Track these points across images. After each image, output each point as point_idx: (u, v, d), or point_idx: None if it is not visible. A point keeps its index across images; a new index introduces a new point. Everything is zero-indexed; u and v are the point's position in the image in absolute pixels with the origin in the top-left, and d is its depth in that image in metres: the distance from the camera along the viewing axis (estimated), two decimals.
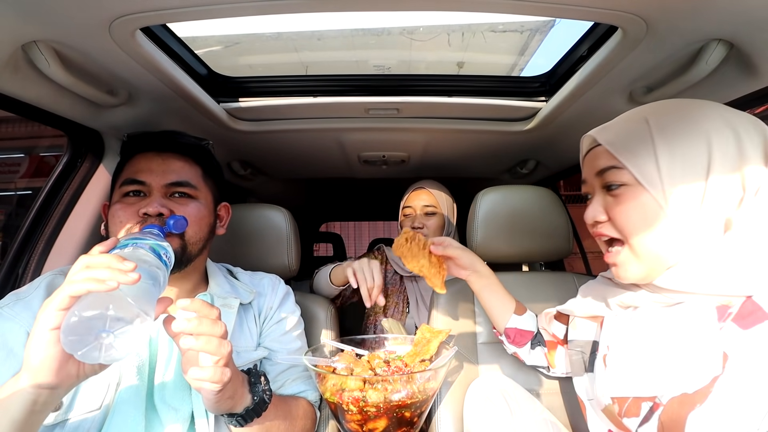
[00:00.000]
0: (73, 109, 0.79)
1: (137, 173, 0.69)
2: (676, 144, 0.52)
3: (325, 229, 3.37)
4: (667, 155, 0.52)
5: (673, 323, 0.54)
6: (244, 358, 0.74)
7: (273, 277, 0.89)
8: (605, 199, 0.58)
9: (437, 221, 1.30)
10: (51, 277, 0.67)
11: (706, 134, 0.51)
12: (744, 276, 0.49)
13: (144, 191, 0.69)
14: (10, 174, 4.66)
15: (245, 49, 1.37)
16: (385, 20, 1.31)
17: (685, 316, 0.53)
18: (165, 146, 0.73)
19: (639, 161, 0.53)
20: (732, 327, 0.49)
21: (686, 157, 0.51)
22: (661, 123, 0.54)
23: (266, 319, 0.81)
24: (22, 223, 0.91)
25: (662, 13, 0.59)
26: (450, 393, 0.85)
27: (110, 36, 0.62)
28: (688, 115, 0.53)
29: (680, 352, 0.52)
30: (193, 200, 0.72)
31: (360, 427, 0.66)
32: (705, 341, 0.50)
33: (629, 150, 0.54)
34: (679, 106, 0.56)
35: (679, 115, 0.53)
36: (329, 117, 1.11)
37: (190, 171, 0.74)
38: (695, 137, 0.51)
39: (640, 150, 0.53)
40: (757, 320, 0.47)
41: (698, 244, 0.51)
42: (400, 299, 1.35)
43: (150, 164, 0.70)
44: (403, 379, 0.66)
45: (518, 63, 1.43)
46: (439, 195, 1.33)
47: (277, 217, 1.00)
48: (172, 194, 0.71)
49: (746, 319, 0.48)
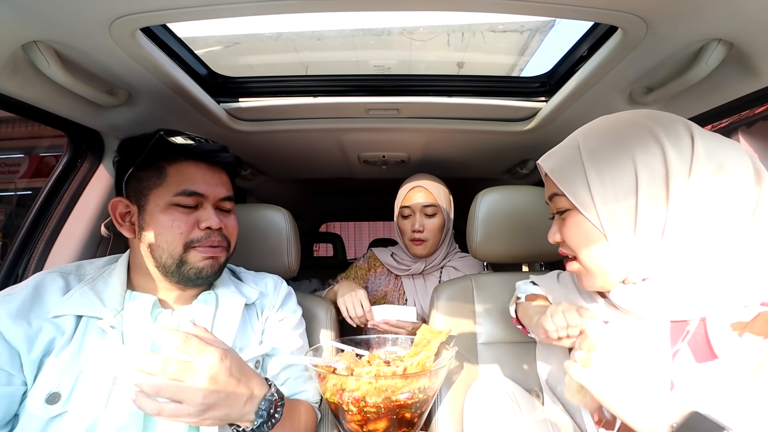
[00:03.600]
0: (73, 109, 0.79)
1: (195, 185, 0.69)
2: (604, 167, 0.54)
3: (325, 229, 3.37)
4: (596, 180, 0.54)
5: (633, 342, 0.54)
6: (248, 354, 0.75)
7: (275, 277, 0.89)
8: (558, 222, 0.62)
9: (438, 222, 1.23)
10: (43, 276, 0.67)
11: (632, 154, 0.52)
12: (694, 297, 0.49)
13: (198, 203, 0.70)
14: (10, 174, 4.66)
15: (245, 49, 1.37)
16: (385, 20, 1.31)
17: (643, 334, 0.54)
18: (216, 159, 0.74)
19: (574, 188, 0.56)
20: (686, 354, 0.49)
21: (614, 179, 0.52)
22: (589, 146, 0.56)
23: (268, 318, 0.82)
24: (22, 223, 0.91)
25: (662, 13, 0.59)
26: (450, 393, 0.85)
27: (110, 36, 0.61)
28: (616, 135, 0.54)
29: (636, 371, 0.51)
30: (231, 213, 0.77)
31: (360, 427, 0.66)
32: (656, 364, 0.51)
33: (565, 177, 0.58)
34: (607, 126, 0.57)
35: (607, 137, 0.55)
36: (329, 117, 1.11)
37: (230, 185, 0.77)
38: (622, 158, 0.52)
39: (573, 177, 0.56)
40: (707, 357, 0.48)
41: (641, 261, 0.52)
42: (395, 298, 1.32)
43: (204, 176, 0.71)
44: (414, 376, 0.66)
45: (518, 63, 1.43)
46: (438, 191, 1.24)
47: (277, 217, 1.00)
48: (217, 207, 0.73)
49: (698, 351, 0.48)
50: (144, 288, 0.71)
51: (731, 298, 0.47)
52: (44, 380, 0.59)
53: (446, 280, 1.06)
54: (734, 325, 0.46)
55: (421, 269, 1.27)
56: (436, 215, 1.23)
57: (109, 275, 0.70)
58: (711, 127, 2.11)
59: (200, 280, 0.71)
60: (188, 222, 0.69)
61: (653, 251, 0.51)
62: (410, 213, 1.25)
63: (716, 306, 0.48)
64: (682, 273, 0.50)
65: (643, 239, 0.51)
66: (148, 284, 0.72)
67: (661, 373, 0.50)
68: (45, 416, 0.58)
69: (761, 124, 5.18)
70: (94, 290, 0.67)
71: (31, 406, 0.58)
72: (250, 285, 0.83)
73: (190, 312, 0.72)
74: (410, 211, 1.24)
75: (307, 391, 0.80)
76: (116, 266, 0.72)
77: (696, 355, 0.49)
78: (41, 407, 0.58)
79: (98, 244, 0.98)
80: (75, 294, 0.65)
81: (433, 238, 1.22)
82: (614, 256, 0.54)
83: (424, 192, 1.23)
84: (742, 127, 5.37)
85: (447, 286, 0.99)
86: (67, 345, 0.62)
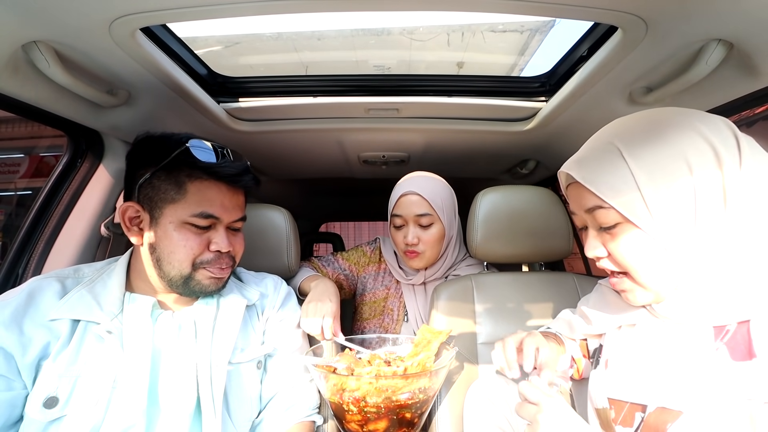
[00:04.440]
0: (73, 109, 0.79)
1: (213, 207, 0.68)
2: (657, 174, 0.50)
3: (325, 229, 3.37)
4: (650, 188, 0.49)
5: (671, 338, 0.54)
6: (249, 355, 0.75)
7: (275, 278, 0.89)
8: (602, 236, 0.56)
9: (435, 232, 1.07)
10: (38, 281, 0.66)
11: (684, 157, 0.49)
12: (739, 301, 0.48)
13: (211, 224, 0.69)
14: (10, 174, 4.65)
15: (245, 49, 1.37)
16: (385, 20, 1.31)
17: (683, 334, 0.54)
18: (239, 183, 0.72)
19: (624, 199, 0.51)
20: (724, 352, 0.49)
21: (670, 185, 0.49)
22: (635, 151, 0.51)
23: (269, 318, 0.82)
24: (22, 223, 0.91)
25: (662, 13, 0.59)
26: (450, 393, 0.85)
27: (110, 36, 0.61)
28: (661, 136, 0.51)
29: (673, 366, 0.52)
30: (239, 231, 0.76)
31: (360, 427, 0.66)
32: (697, 360, 0.50)
33: (611, 188, 0.52)
34: (650, 128, 0.53)
35: (654, 140, 0.51)
36: (329, 117, 1.11)
37: (244, 204, 0.76)
38: (674, 161, 0.49)
39: (621, 186, 0.51)
40: (744, 356, 0.47)
41: (699, 269, 0.50)
42: (395, 306, 1.19)
43: (223, 199, 0.69)
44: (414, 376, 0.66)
45: (518, 63, 1.43)
46: (435, 195, 1.07)
47: (277, 217, 1.00)
48: (229, 227, 0.73)
49: (736, 350, 0.48)
50: (143, 290, 0.71)
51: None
52: (42, 384, 0.59)
53: (446, 280, 1.05)
54: None
55: (421, 281, 1.15)
56: (433, 225, 1.07)
57: (108, 277, 0.70)
58: None
59: (204, 294, 0.72)
60: (200, 243, 0.68)
61: (712, 257, 0.49)
62: (402, 223, 1.09)
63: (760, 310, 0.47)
64: (730, 277, 0.49)
65: (702, 245, 0.49)
66: (147, 287, 0.71)
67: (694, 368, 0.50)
68: (43, 420, 0.58)
69: (761, 124, 5.18)
70: (92, 293, 0.66)
71: (29, 410, 0.58)
72: (250, 286, 0.83)
73: (190, 313, 0.72)
74: (402, 220, 1.08)
75: (306, 400, 0.80)
76: (115, 268, 0.71)
77: (733, 353, 0.48)
78: (39, 411, 0.58)
79: (98, 244, 0.98)
80: (72, 297, 0.65)
81: (430, 250, 1.08)
82: (673, 268, 0.51)
83: (418, 198, 1.06)
84: (742, 127, 5.37)
85: (447, 286, 0.99)
86: (65, 349, 0.62)
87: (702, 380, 0.49)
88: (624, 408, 0.55)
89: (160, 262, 0.68)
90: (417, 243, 1.07)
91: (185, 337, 0.69)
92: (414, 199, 1.07)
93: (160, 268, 0.68)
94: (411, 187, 1.08)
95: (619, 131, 0.55)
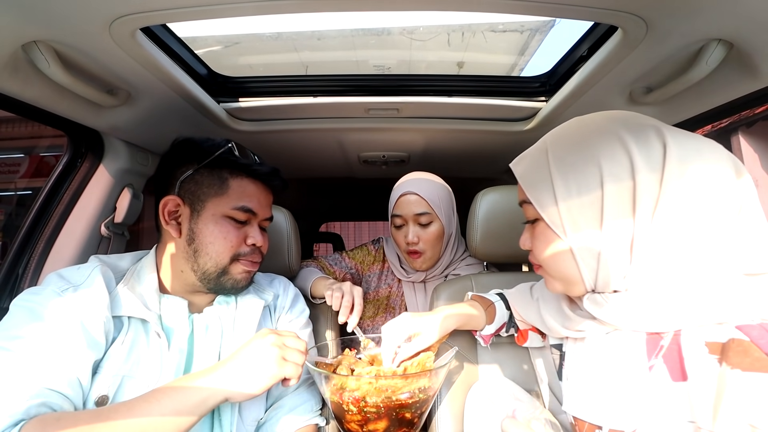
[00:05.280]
0: (73, 109, 0.79)
1: (251, 203, 0.73)
2: (570, 176, 0.50)
3: (325, 229, 3.37)
4: (563, 189, 0.51)
5: (618, 356, 0.53)
6: None
7: (283, 278, 0.91)
8: (529, 229, 0.59)
9: (435, 230, 1.09)
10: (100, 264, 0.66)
11: (598, 162, 0.48)
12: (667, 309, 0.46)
13: (248, 219, 0.74)
14: (10, 174, 4.65)
15: (245, 49, 1.37)
16: (385, 20, 1.31)
17: (619, 347, 0.52)
18: (272, 183, 0.78)
19: (540, 197, 0.53)
20: (662, 371, 0.47)
21: (581, 188, 0.49)
22: (557, 153, 0.53)
23: (279, 318, 0.83)
24: (22, 223, 0.91)
25: (662, 13, 0.59)
26: (450, 393, 0.85)
27: (110, 36, 0.61)
28: (583, 141, 0.51)
29: (621, 386, 0.51)
30: (266, 231, 0.80)
31: (360, 427, 0.66)
32: (641, 380, 0.49)
33: (533, 184, 0.54)
34: (576, 130, 0.53)
35: (575, 143, 0.52)
36: (329, 117, 1.11)
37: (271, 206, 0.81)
38: (588, 167, 0.49)
39: (540, 185, 0.53)
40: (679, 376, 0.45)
41: (608, 274, 0.50)
42: (397, 304, 1.22)
43: (260, 197, 0.75)
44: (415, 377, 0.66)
45: (518, 63, 1.43)
46: (433, 195, 1.10)
47: (277, 217, 1.00)
48: (259, 225, 0.77)
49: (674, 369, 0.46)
50: (173, 290, 0.72)
51: (704, 313, 0.44)
52: (99, 382, 0.60)
53: (446, 281, 1.05)
54: (709, 345, 0.43)
55: (421, 278, 1.19)
56: (432, 223, 1.10)
57: (139, 277, 0.70)
58: (711, 127, 2.08)
59: (234, 290, 0.74)
60: (238, 236, 0.72)
61: (621, 264, 0.48)
62: (402, 223, 1.12)
63: (690, 320, 0.45)
64: (653, 284, 0.48)
65: (609, 252, 0.48)
66: (177, 286, 0.72)
67: (638, 388, 0.48)
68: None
69: (761, 124, 5.18)
70: (134, 292, 0.67)
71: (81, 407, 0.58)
72: (264, 286, 0.85)
73: (214, 312, 0.73)
74: (402, 220, 1.12)
75: (308, 402, 0.80)
76: (144, 267, 0.71)
77: (672, 373, 0.46)
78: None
79: (98, 244, 0.98)
80: (122, 294, 0.65)
81: (431, 250, 1.11)
82: (580, 271, 0.51)
83: (416, 198, 1.09)
84: (742, 127, 5.37)
85: (447, 285, 0.99)
86: (120, 347, 0.62)
87: (647, 401, 0.48)
88: (584, 426, 0.55)
89: (198, 253, 0.69)
90: (417, 242, 1.09)
91: (212, 337, 0.71)
92: (412, 198, 1.09)
93: (195, 261, 0.70)
94: (409, 187, 1.11)
95: (554, 132, 0.57)
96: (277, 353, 0.60)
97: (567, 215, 0.50)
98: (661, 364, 0.47)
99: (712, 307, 0.44)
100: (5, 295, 0.87)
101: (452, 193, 1.18)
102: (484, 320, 0.81)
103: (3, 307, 0.86)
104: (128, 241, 1.07)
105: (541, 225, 0.55)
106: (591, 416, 0.54)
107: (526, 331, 0.80)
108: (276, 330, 0.69)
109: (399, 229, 1.13)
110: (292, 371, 0.61)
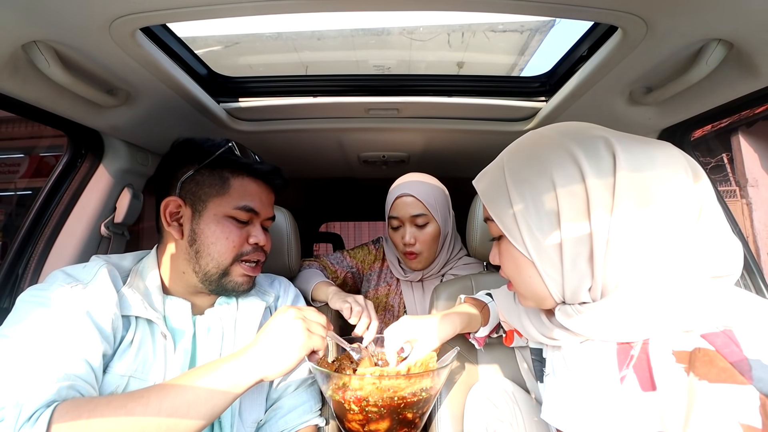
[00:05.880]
0: (73, 109, 0.79)
1: (253, 202, 0.72)
2: (526, 192, 0.50)
3: (325, 229, 3.37)
4: (521, 206, 0.50)
5: (584, 363, 0.52)
6: None
7: (283, 279, 0.91)
8: (496, 246, 0.58)
9: (431, 231, 1.10)
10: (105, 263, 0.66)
11: (551, 177, 0.48)
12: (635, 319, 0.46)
13: (250, 219, 0.73)
14: (10, 174, 4.65)
15: (245, 49, 1.37)
16: (385, 20, 1.31)
17: (591, 357, 0.52)
18: (273, 182, 0.78)
19: (500, 214, 0.52)
20: (633, 381, 0.47)
21: (537, 205, 0.49)
22: (513, 168, 0.52)
23: None
24: (22, 223, 0.91)
25: (662, 13, 0.59)
26: (450, 393, 0.85)
27: (110, 36, 0.61)
28: (536, 156, 0.51)
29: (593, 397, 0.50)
30: (268, 231, 0.79)
31: (361, 427, 0.66)
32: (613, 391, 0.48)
33: (494, 202, 0.53)
34: (529, 145, 0.53)
35: (528, 158, 0.52)
36: (329, 117, 1.11)
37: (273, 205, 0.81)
38: (542, 182, 0.49)
39: (499, 201, 0.52)
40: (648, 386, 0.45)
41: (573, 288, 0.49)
42: (396, 303, 1.23)
43: (261, 196, 0.75)
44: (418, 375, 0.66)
45: (518, 63, 1.43)
46: (428, 196, 1.11)
47: (278, 217, 1.00)
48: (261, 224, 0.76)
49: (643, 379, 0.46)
50: (175, 291, 0.72)
51: (670, 321, 0.44)
52: (108, 382, 0.60)
53: (446, 280, 1.05)
54: (677, 354, 0.43)
55: (418, 278, 1.20)
56: (429, 224, 1.11)
57: (143, 277, 0.70)
58: (711, 127, 2.07)
59: (234, 293, 0.74)
60: (241, 236, 0.71)
61: (583, 276, 0.48)
62: (399, 224, 1.13)
63: (656, 328, 0.45)
64: (619, 294, 0.47)
65: (571, 267, 0.48)
66: (178, 287, 0.72)
67: (610, 398, 0.48)
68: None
69: (761, 124, 5.18)
70: (139, 292, 0.66)
71: None
72: (265, 287, 0.85)
73: (215, 314, 0.73)
74: (399, 222, 1.12)
75: (308, 402, 0.80)
76: (146, 268, 0.71)
77: (642, 383, 0.46)
78: None
79: (98, 244, 0.98)
80: (129, 294, 0.65)
81: (427, 251, 1.12)
82: (546, 285, 0.51)
83: (412, 200, 1.10)
84: (742, 127, 5.38)
85: (447, 286, 0.99)
86: (128, 347, 0.62)
87: (619, 412, 0.47)
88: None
89: (199, 254, 0.69)
90: (414, 243, 1.10)
91: (214, 338, 0.71)
92: (408, 200, 1.10)
93: (197, 262, 0.69)
94: (405, 189, 1.11)
95: (510, 148, 0.57)
96: (302, 325, 0.60)
97: (526, 230, 0.50)
98: (631, 374, 0.47)
99: (678, 315, 0.43)
100: (5, 295, 0.87)
101: (448, 192, 1.19)
102: (480, 322, 0.81)
103: (3, 307, 0.86)
104: (128, 241, 1.07)
105: (505, 241, 0.54)
106: (566, 425, 0.53)
107: (511, 332, 0.81)
108: (295, 305, 0.69)
109: (396, 230, 1.14)
110: (318, 342, 0.61)
